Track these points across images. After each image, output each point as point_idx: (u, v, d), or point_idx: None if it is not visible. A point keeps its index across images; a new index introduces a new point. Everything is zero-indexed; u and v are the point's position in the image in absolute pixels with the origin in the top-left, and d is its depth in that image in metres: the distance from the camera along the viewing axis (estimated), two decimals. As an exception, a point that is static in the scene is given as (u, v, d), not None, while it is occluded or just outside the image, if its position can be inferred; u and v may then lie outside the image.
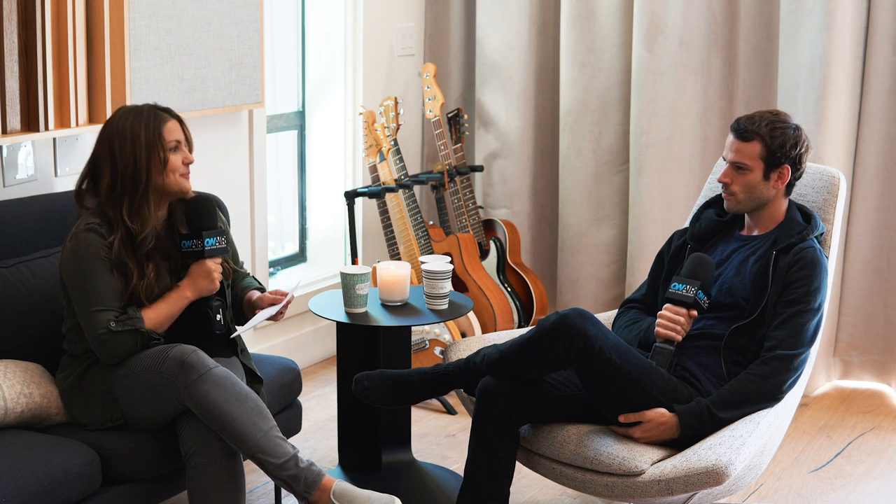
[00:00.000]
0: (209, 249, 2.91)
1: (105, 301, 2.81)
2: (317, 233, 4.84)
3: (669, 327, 2.97)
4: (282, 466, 2.76)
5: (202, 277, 2.91)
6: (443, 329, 4.22)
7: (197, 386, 2.73)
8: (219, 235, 2.93)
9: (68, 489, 2.63)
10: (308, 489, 2.77)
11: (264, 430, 2.75)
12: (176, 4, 3.63)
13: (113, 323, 2.79)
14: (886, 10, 4.12)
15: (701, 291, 2.96)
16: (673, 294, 2.99)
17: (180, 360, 2.75)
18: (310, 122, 4.76)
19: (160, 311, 2.87)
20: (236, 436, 2.73)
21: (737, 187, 3.03)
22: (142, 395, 2.80)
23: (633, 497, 2.76)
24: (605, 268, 4.81)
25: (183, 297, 2.90)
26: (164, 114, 2.91)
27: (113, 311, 2.81)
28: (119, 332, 2.79)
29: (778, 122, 3.00)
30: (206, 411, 2.73)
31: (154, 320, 2.86)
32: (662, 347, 2.96)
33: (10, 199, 3.16)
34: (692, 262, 3.02)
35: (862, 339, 4.40)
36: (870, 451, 3.89)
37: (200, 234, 2.91)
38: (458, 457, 3.75)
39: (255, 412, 2.76)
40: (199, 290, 2.91)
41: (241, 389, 2.78)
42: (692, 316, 2.98)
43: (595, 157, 4.72)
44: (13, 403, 2.79)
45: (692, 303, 2.96)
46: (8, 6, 3.04)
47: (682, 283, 2.98)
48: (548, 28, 4.85)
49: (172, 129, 2.90)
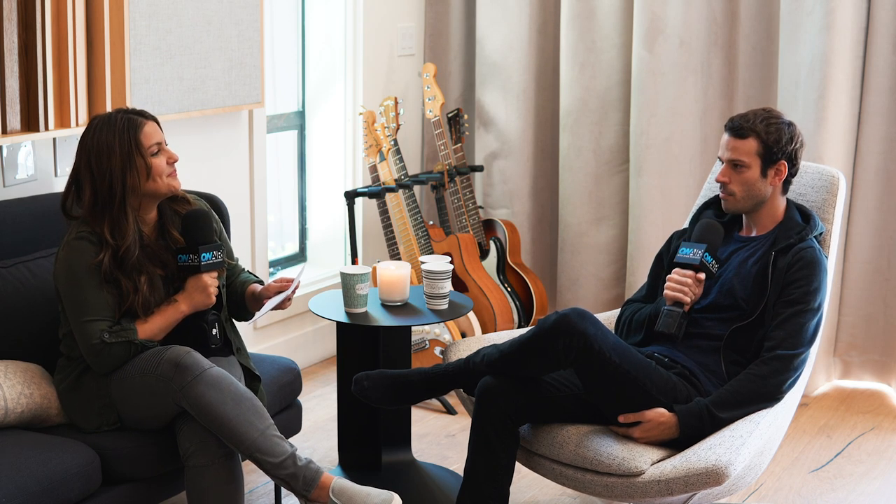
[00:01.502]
0: (206, 264, 2.89)
1: (98, 311, 2.80)
2: (317, 233, 4.84)
3: (677, 289, 2.97)
4: (280, 465, 2.76)
5: (198, 292, 2.89)
6: (443, 329, 4.22)
7: (192, 387, 2.72)
8: (215, 249, 2.91)
9: (68, 489, 2.63)
10: (307, 487, 2.77)
11: (261, 429, 2.75)
12: (176, 4, 3.63)
13: (107, 334, 2.78)
14: (886, 10, 4.12)
15: (708, 254, 2.97)
16: (680, 257, 3.01)
17: (175, 363, 2.75)
18: (310, 122, 4.76)
19: (154, 324, 2.85)
20: (233, 436, 2.73)
21: (735, 186, 3.03)
22: (138, 398, 2.80)
23: (632, 497, 2.76)
24: (605, 268, 4.81)
25: (178, 311, 2.88)
26: (139, 118, 2.85)
27: (106, 321, 2.80)
28: (113, 344, 2.78)
29: (772, 119, 3.01)
30: (202, 412, 2.73)
31: (148, 332, 2.84)
32: (671, 310, 2.97)
33: (10, 199, 3.16)
34: (700, 227, 3.06)
35: (862, 339, 4.40)
36: (870, 451, 3.89)
37: (197, 248, 2.89)
38: (458, 457, 3.75)
39: (251, 412, 2.75)
40: (195, 304, 2.89)
41: (237, 389, 2.77)
42: (700, 279, 2.98)
43: (595, 157, 4.72)
44: (14, 404, 2.79)
45: (699, 265, 2.97)
46: (8, 6, 3.04)
47: (689, 247, 3.01)
48: (548, 28, 4.85)
49: (150, 133, 2.85)
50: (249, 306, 3.11)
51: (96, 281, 2.80)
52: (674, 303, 2.98)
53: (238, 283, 3.14)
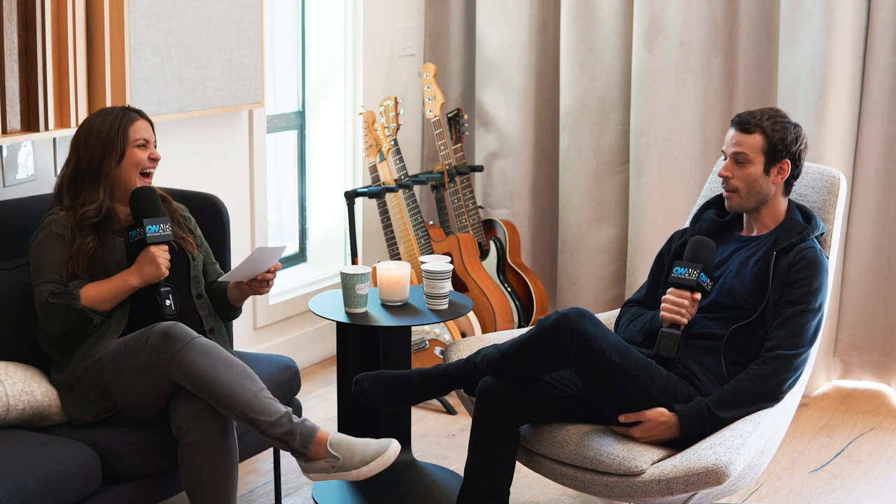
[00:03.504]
0: (151, 236, 2.94)
1: (48, 273, 2.89)
2: (317, 233, 4.84)
3: (674, 311, 2.97)
4: (275, 423, 2.76)
5: (147, 264, 2.93)
6: (443, 329, 4.22)
7: (182, 355, 2.74)
8: (162, 223, 2.96)
9: (68, 489, 2.63)
10: (305, 443, 2.78)
11: (253, 391, 2.77)
12: (176, 4, 3.63)
13: (51, 296, 2.85)
14: (886, 10, 4.12)
15: (703, 274, 2.97)
16: (675, 278, 3.00)
17: (163, 333, 2.78)
18: (310, 122, 4.76)
19: (100, 290, 2.90)
20: (226, 399, 2.74)
21: (737, 181, 3.03)
22: (131, 377, 2.81)
23: (633, 497, 2.76)
24: (605, 268, 4.81)
25: (125, 283, 2.92)
26: (135, 114, 3.02)
27: (53, 283, 2.88)
28: (55, 304, 2.84)
29: (778, 117, 3.03)
30: (194, 379, 2.74)
31: (92, 298, 2.88)
32: (669, 332, 2.96)
33: (10, 199, 3.17)
34: (693, 245, 3.03)
35: (862, 339, 4.40)
36: (870, 451, 3.89)
37: (142, 222, 2.95)
38: (458, 457, 3.75)
39: (242, 375, 2.78)
40: (146, 276, 2.93)
41: (227, 355, 2.80)
42: (696, 299, 2.98)
43: (595, 157, 4.72)
44: (15, 401, 2.80)
45: (695, 285, 2.96)
46: (8, 6, 3.04)
47: (684, 266, 2.99)
48: (548, 28, 4.85)
49: (140, 128, 3.00)
50: (233, 300, 3.17)
51: (55, 242, 2.91)
52: (670, 324, 2.98)
53: (220, 284, 3.18)
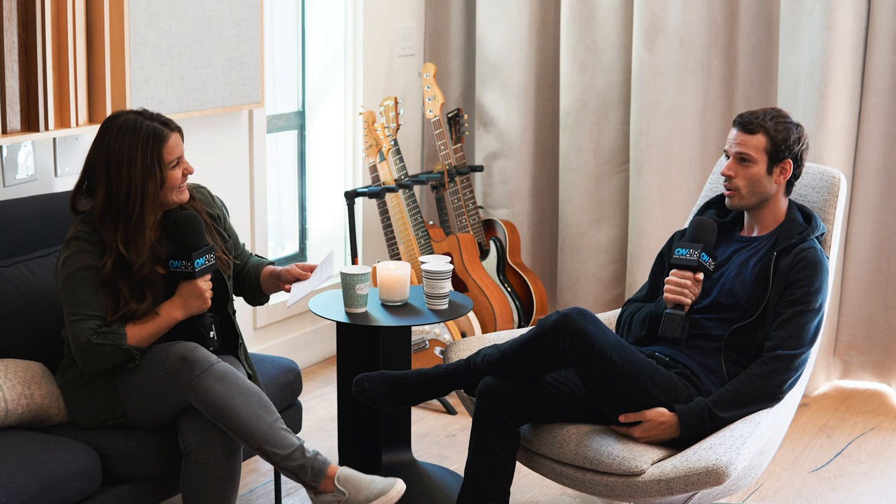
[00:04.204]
0: (199, 270, 2.85)
1: (88, 310, 2.78)
2: (317, 233, 4.84)
3: (677, 291, 2.97)
4: (289, 457, 2.77)
5: (194, 298, 2.86)
6: (443, 329, 4.22)
7: (200, 382, 2.74)
8: (207, 253, 2.88)
9: (68, 489, 2.63)
10: (316, 478, 2.79)
11: (269, 422, 2.77)
12: (176, 4, 3.63)
13: (94, 335, 2.76)
14: (886, 10, 4.12)
15: (704, 254, 2.97)
16: (677, 259, 3.00)
17: (182, 357, 2.76)
18: (310, 122, 4.76)
19: (146, 330, 2.82)
20: (242, 429, 2.74)
21: (740, 181, 3.03)
22: (144, 392, 2.80)
23: (633, 497, 2.76)
24: (605, 268, 4.81)
25: (171, 318, 2.85)
26: (165, 129, 2.82)
27: (95, 320, 2.78)
28: (99, 345, 2.76)
29: (781, 118, 3.04)
30: (210, 406, 2.74)
31: (137, 337, 2.81)
32: (673, 313, 2.96)
33: (10, 199, 3.16)
34: (693, 226, 3.04)
35: (862, 339, 4.40)
36: (870, 451, 3.89)
37: (189, 255, 2.84)
38: (458, 457, 3.75)
39: (259, 405, 2.77)
40: (191, 310, 2.86)
41: (244, 383, 2.79)
42: (698, 279, 2.98)
43: (595, 157, 4.72)
44: (14, 405, 2.79)
45: (697, 265, 2.97)
46: (8, 6, 3.04)
47: (685, 247, 3.00)
48: (548, 28, 4.85)
49: (173, 147, 2.82)
50: (266, 289, 3.14)
51: (93, 281, 2.78)
52: (674, 305, 2.98)
53: (251, 268, 3.16)
